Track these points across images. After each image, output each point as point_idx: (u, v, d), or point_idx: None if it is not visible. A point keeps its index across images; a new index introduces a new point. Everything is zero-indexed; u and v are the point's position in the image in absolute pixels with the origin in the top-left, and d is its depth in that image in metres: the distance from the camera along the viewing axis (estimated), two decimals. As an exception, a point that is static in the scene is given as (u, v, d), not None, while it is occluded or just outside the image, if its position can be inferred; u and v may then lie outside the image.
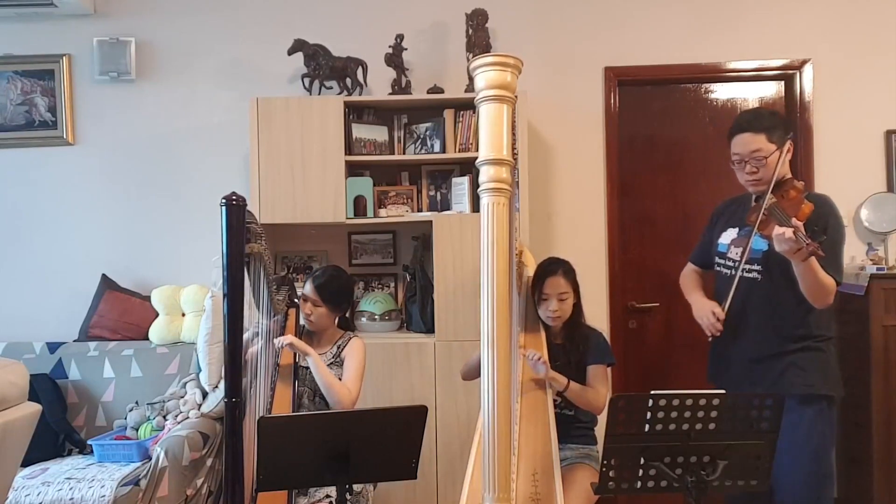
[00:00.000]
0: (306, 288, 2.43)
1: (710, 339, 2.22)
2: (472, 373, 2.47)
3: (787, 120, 2.20)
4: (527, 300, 2.46)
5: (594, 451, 2.39)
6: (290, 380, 2.32)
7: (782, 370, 2.12)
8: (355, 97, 3.24)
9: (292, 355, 2.36)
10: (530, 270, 2.52)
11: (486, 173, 1.54)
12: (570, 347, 2.38)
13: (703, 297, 2.32)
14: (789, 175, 2.16)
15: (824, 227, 2.02)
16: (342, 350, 2.45)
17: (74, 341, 3.25)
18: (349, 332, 2.57)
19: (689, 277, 2.49)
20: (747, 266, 2.17)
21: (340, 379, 2.37)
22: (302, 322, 2.47)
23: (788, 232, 1.85)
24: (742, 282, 2.17)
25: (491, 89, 1.53)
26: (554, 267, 2.39)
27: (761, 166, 2.11)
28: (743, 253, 2.16)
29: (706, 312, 2.20)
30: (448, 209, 3.25)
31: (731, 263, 2.23)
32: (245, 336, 2.02)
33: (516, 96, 1.59)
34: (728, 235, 2.28)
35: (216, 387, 2.95)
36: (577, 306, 2.42)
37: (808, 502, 2.11)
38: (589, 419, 2.42)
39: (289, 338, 2.28)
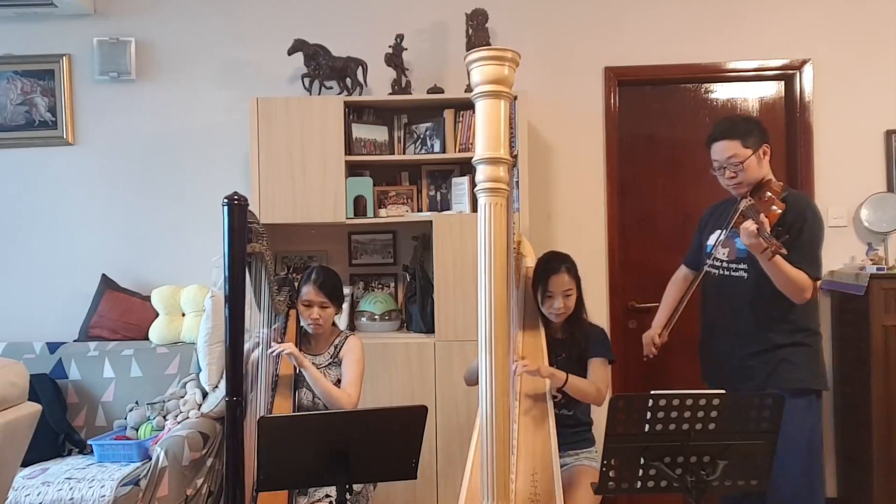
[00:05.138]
0: (306, 292, 2.38)
1: (644, 358, 2.52)
2: (475, 378, 2.47)
3: (762, 125, 2.28)
4: (525, 294, 2.43)
5: (593, 452, 2.38)
6: (290, 380, 2.31)
7: (775, 365, 2.20)
8: (355, 97, 3.24)
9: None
10: (529, 261, 2.49)
11: (482, 172, 1.50)
12: (572, 342, 2.36)
13: (659, 319, 2.53)
14: (769, 177, 2.25)
15: (800, 226, 2.13)
16: (339, 350, 2.44)
17: (74, 341, 3.25)
18: (345, 330, 2.56)
19: (671, 287, 2.62)
20: (734, 265, 2.28)
21: (340, 379, 2.38)
22: (302, 324, 2.47)
23: (751, 226, 1.96)
24: (730, 281, 2.28)
25: (487, 84, 1.48)
26: (556, 265, 2.33)
27: (739, 171, 2.21)
28: (718, 250, 2.30)
29: (648, 338, 2.50)
30: (448, 209, 3.25)
31: (717, 263, 2.33)
32: (246, 346, 2.01)
33: (516, 96, 1.57)
34: (714, 237, 2.37)
35: (216, 387, 2.96)
36: (579, 299, 2.38)
37: (802, 497, 2.18)
38: (588, 419, 2.42)
39: (289, 346, 2.24)
